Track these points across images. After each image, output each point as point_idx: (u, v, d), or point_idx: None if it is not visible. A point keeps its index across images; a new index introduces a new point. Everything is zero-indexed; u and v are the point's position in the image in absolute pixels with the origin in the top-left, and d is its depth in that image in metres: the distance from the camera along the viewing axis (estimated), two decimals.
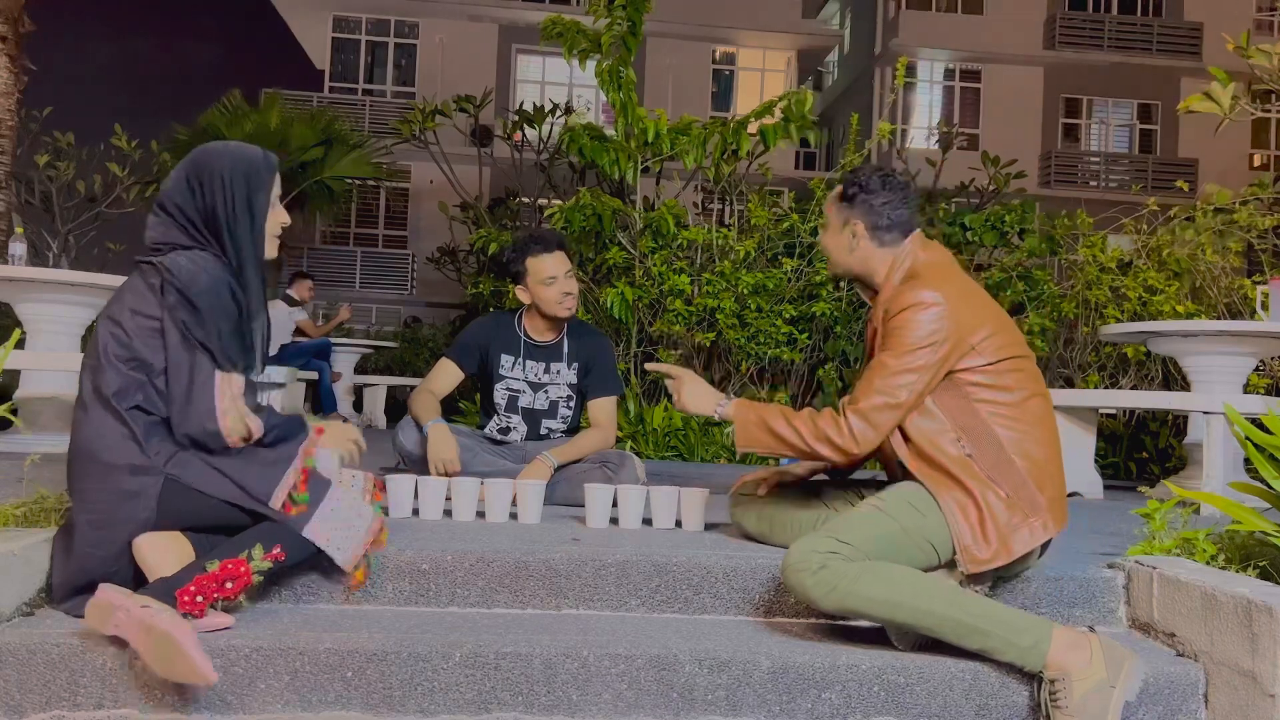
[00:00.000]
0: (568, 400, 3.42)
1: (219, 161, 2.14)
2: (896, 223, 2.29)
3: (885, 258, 2.30)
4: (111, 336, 2.02)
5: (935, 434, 2.13)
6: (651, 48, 18.77)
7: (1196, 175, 19.64)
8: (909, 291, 2.17)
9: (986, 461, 2.10)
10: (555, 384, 3.41)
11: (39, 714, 1.79)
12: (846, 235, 2.33)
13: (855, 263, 2.34)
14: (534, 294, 3.32)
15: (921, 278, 2.21)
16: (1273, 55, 4.38)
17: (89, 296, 4.64)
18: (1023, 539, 2.08)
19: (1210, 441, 3.97)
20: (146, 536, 1.97)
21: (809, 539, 2.01)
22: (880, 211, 2.29)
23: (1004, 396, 2.14)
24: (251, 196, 2.15)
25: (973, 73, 21.92)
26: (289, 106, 14.42)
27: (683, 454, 6.01)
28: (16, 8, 6.64)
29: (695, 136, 6.61)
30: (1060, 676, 1.87)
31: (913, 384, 2.12)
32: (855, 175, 2.36)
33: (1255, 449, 2.34)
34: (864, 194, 2.30)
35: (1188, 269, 6.18)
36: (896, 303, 2.18)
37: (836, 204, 2.37)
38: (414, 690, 1.88)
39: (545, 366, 3.39)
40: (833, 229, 2.37)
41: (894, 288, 2.25)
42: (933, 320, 2.13)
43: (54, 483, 2.49)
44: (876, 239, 2.30)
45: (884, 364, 2.14)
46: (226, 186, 2.12)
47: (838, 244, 2.36)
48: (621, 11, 6.49)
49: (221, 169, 2.13)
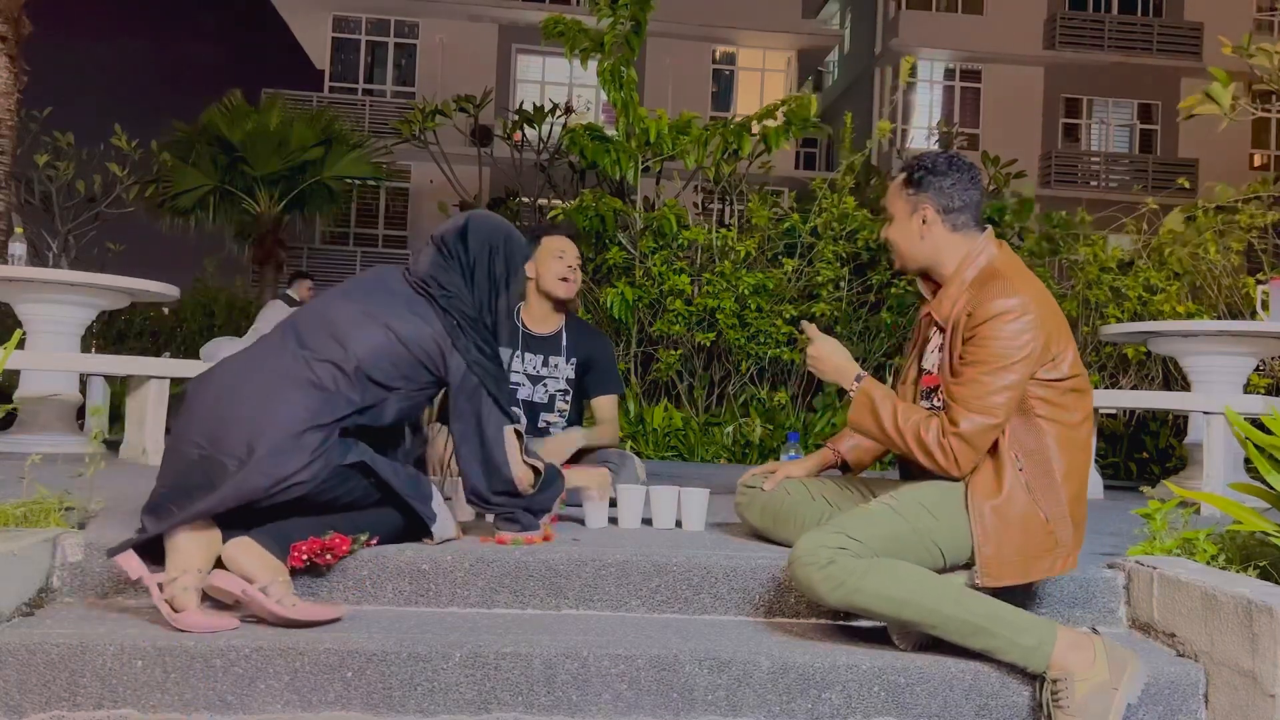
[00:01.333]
0: (564, 395, 3.44)
1: (504, 233, 2.44)
2: (969, 204, 2.21)
3: (959, 246, 2.22)
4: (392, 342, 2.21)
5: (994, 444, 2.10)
6: (652, 48, 18.76)
7: (1197, 175, 19.64)
8: (997, 296, 2.08)
9: (1036, 482, 2.06)
10: (553, 377, 3.42)
11: (39, 714, 1.79)
12: (916, 222, 2.24)
13: (926, 251, 2.24)
14: (539, 269, 3.37)
15: (1004, 278, 2.12)
16: (1273, 55, 4.38)
17: (89, 296, 4.64)
18: (1042, 568, 2.08)
19: (1210, 441, 3.96)
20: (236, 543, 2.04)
21: (818, 533, 1.99)
22: (950, 193, 2.21)
23: (1064, 416, 2.09)
24: (513, 272, 2.43)
25: (973, 73, 21.92)
26: (289, 106, 14.43)
27: (683, 454, 6.01)
28: (16, 8, 6.64)
29: (696, 137, 6.61)
30: (1063, 677, 1.87)
31: (1009, 400, 2.05)
32: (919, 159, 2.28)
33: (1255, 449, 2.34)
34: (931, 176, 2.22)
35: (1188, 269, 6.18)
36: (984, 309, 2.08)
37: (901, 191, 2.27)
38: (414, 690, 1.87)
39: (543, 359, 3.41)
40: (899, 219, 2.27)
41: (967, 285, 2.17)
42: (1025, 330, 2.05)
43: (54, 483, 2.50)
44: (949, 222, 2.21)
45: (978, 380, 2.05)
46: (502, 257, 2.40)
47: (906, 233, 2.26)
48: (625, 11, 6.49)
49: (504, 241, 2.43)
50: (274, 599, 1.93)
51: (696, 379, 6.56)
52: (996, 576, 2.05)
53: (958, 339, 2.14)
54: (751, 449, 6.00)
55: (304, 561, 2.06)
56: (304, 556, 2.05)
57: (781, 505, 2.49)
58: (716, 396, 6.62)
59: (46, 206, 11.74)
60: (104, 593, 2.13)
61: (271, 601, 1.93)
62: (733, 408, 6.37)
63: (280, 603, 1.94)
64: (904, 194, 2.27)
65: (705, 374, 6.58)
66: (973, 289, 2.16)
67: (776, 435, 6.02)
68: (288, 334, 2.21)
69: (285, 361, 2.14)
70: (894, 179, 2.35)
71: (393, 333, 2.20)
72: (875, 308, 6.73)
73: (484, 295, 2.36)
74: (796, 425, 6.15)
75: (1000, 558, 2.05)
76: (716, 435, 6.06)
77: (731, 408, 6.37)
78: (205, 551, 1.99)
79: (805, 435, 6.09)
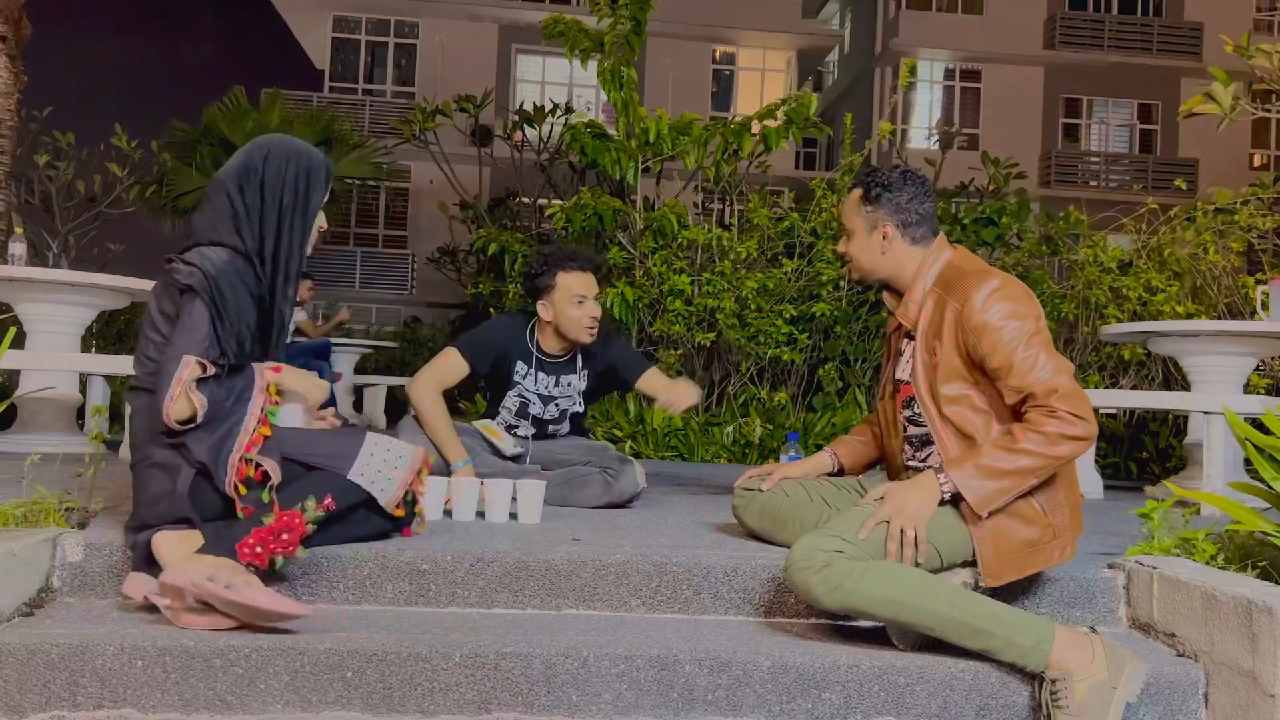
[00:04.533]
0: (577, 403, 3.39)
1: (286, 150, 2.26)
2: (925, 216, 2.24)
3: (916, 256, 2.24)
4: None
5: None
6: (652, 48, 18.75)
7: (1196, 175, 19.65)
8: (977, 286, 2.10)
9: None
10: (565, 396, 3.33)
11: (39, 714, 1.79)
12: (876, 239, 2.26)
13: (887, 265, 2.26)
14: (557, 311, 3.17)
15: (973, 272, 2.15)
16: (1273, 55, 4.38)
17: (89, 296, 4.64)
18: (1042, 560, 2.10)
19: (1210, 441, 3.96)
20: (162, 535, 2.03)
21: (813, 537, 1.99)
22: (908, 208, 2.23)
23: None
24: (310, 193, 2.27)
25: (973, 73, 21.92)
26: (289, 106, 14.40)
27: (683, 454, 6.01)
28: (16, 8, 6.65)
29: (696, 137, 6.61)
30: (1062, 676, 1.87)
31: (1049, 348, 2.06)
32: (873, 175, 2.28)
33: (1255, 449, 2.34)
34: (888, 192, 2.24)
35: (1188, 269, 6.18)
36: (971, 303, 2.09)
37: (859, 208, 2.28)
38: (414, 690, 1.87)
39: (555, 380, 3.30)
40: (859, 235, 2.28)
41: (930, 288, 2.20)
42: (1019, 297, 2.09)
43: (54, 483, 2.50)
44: (909, 237, 2.24)
45: (1023, 358, 2.03)
46: (288, 177, 2.23)
47: (867, 249, 2.28)
48: (625, 10, 6.48)
49: (288, 159, 2.25)
50: (221, 583, 1.87)
51: (696, 379, 6.56)
52: (998, 575, 2.06)
53: (939, 340, 2.15)
54: (751, 449, 6.00)
55: (256, 552, 1.96)
56: (254, 548, 1.96)
57: (780, 507, 2.50)
58: (716, 396, 6.62)
59: (46, 206, 11.73)
60: (104, 593, 2.13)
61: (219, 586, 1.86)
62: (733, 408, 6.37)
63: (230, 586, 1.87)
64: (862, 210, 2.28)
65: (705, 374, 6.58)
66: (938, 289, 2.19)
67: (776, 435, 6.02)
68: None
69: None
70: (849, 192, 2.35)
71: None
72: (875, 308, 6.73)
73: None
74: (796, 425, 6.15)
75: (1000, 557, 2.05)
76: (716, 435, 6.06)
77: (731, 408, 6.37)
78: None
79: (805, 435, 6.09)
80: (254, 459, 2.09)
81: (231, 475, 2.07)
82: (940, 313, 2.17)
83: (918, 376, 2.20)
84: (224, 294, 2.10)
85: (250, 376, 2.18)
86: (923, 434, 2.27)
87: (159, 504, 2.09)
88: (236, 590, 1.87)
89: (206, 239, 2.18)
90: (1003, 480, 2.02)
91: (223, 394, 2.11)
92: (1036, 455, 2.01)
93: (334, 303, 14.04)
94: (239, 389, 2.15)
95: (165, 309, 2.16)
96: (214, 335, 2.08)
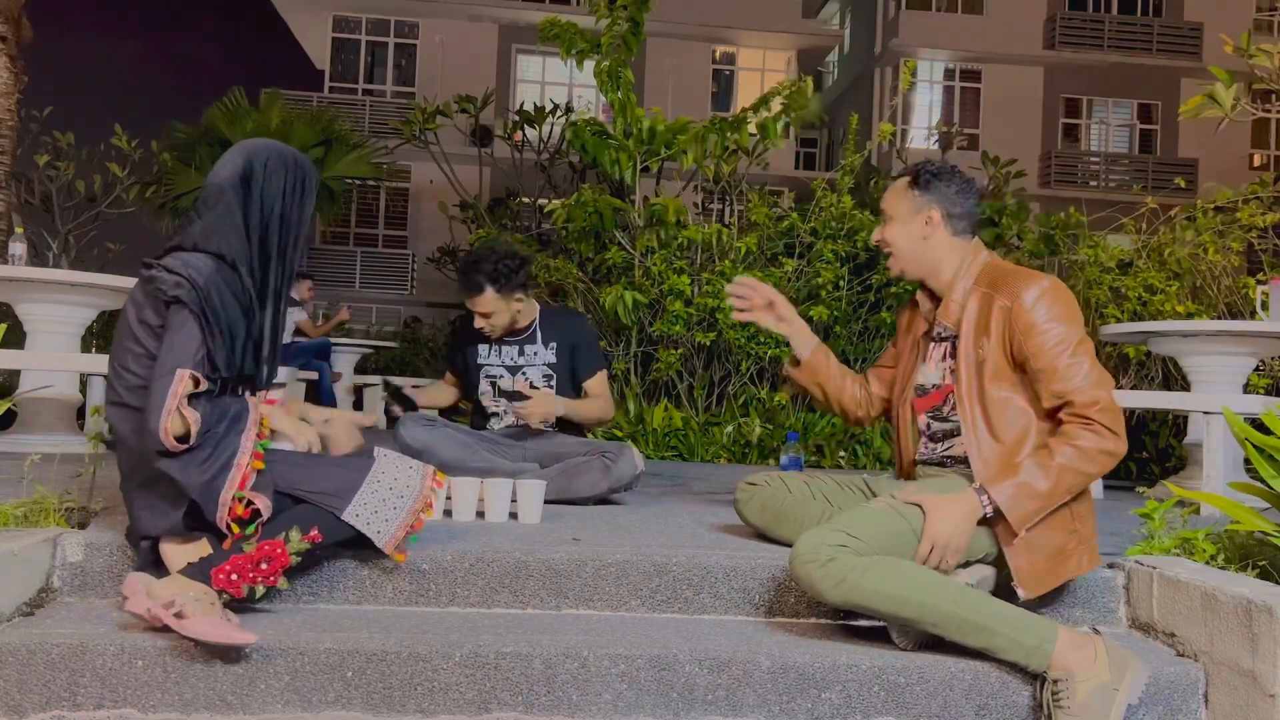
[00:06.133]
0: (547, 380, 3.52)
1: (284, 158, 2.19)
2: (968, 213, 2.27)
3: (956, 251, 2.26)
4: None
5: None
6: (651, 48, 18.75)
7: (1196, 175, 19.63)
8: (1025, 285, 2.12)
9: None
10: (532, 365, 3.51)
11: (39, 714, 1.79)
12: (919, 223, 2.27)
13: (926, 252, 2.27)
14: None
15: (1022, 272, 2.17)
16: (1273, 55, 4.38)
17: (89, 296, 4.64)
18: (1070, 568, 2.12)
19: (1210, 441, 3.96)
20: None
21: (818, 531, 2.00)
22: (955, 199, 2.26)
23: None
24: (305, 202, 2.20)
25: (973, 73, 21.92)
26: (289, 106, 14.39)
27: (683, 454, 6.01)
28: (16, 8, 6.65)
29: (694, 134, 6.61)
30: (1064, 676, 1.87)
31: (1093, 358, 2.09)
32: (925, 163, 2.32)
33: (1255, 449, 2.34)
34: (938, 180, 2.26)
35: (1188, 269, 6.18)
36: (1022, 300, 2.11)
37: (906, 192, 2.30)
38: (414, 690, 1.87)
39: (519, 349, 3.52)
40: (900, 218, 2.29)
41: (972, 288, 2.22)
42: (1065, 301, 2.11)
43: (54, 483, 2.50)
44: (951, 227, 2.26)
45: (1068, 362, 2.06)
46: (287, 186, 2.17)
47: (908, 233, 2.28)
48: (623, 11, 6.49)
49: (286, 167, 2.18)
50: (172, 611, 1.81)
51: (696, 379, 6.56)
52: (1034, 587, 2.08)
53: (986, 336, 2.15)
54: (751, 449, 6.00)
55: (232, 580, 1.88)
56: (229, 575, 1.88)
57: (781, 503, 2.50)
58: (716, 396, 6.62)
59: (46, 206, 11.73)
60: (104, 593, 2.13)
61: (168, 614, 1.81)
62: (733, 408, 6.37)
63: (180, 614, 1.81)
64: (909, 194, 2.30)
65: (705, 374, 6.58)
66: (982, 287, 2.21)
67: (776, 435, 6.02)
68: None
69: None
70: (895, 181, 2.37)
71: None
72: (875, 308, 6.73)
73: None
74: (796, 425, 6.15)
75: (1034, 567, 2.07)
76: (716, 435, 6.06)
77: (731, 408, 6.37)
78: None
79: (805, 435, 6.09)
80: (245, 496, 1.99)
81: (223, 512, 1.98)
82: (987, 310, 2.17)
83: (961, 376, 2.19)
84: (213, 305, 1.99)
85: (244, 403, 2.08)
86: (947, 429, 2.28)
87: (158, 523, 2.04)
88: (183, 621, 1.80)
89: (199, 245, 2.07)
90: (1041, 499, 2.04)
91: (215, 414, 2.00)
92: (1074, 472, 2.04)
93: (334, 303, 14.03)
94: (231, 412, 2.04)
95: (147, 319, 2.02)
96: (205, 348, 1.98)
